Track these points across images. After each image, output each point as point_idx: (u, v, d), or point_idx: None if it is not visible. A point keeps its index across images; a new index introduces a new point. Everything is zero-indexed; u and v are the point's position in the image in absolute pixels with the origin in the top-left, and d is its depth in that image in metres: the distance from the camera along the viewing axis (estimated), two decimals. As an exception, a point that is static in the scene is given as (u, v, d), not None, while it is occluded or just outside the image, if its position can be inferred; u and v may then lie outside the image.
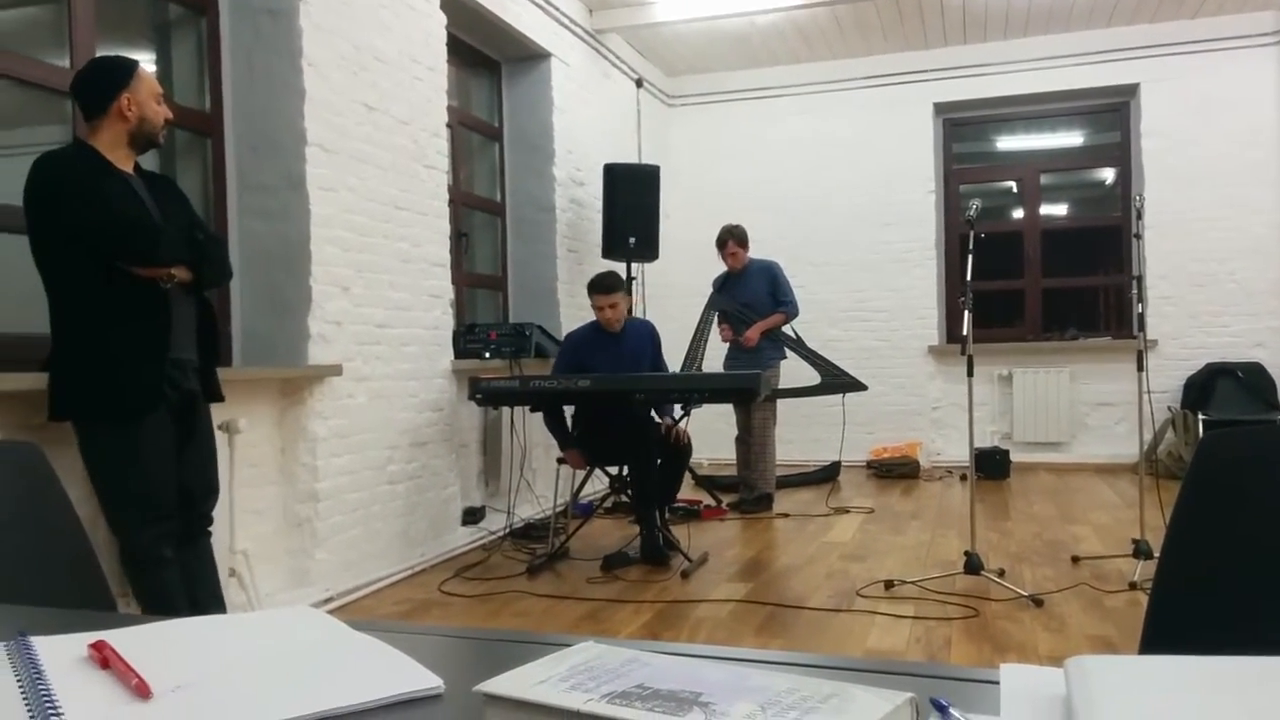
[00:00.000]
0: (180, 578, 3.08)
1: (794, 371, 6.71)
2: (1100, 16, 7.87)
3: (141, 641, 0.94)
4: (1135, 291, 4.86)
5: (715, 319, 6.85)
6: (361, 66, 4.81)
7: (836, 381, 6.55)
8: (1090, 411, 8.35)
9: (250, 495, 4.12)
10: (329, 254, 4.52)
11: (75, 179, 2.91)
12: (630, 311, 5.47)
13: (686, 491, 5.61)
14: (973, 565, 4.33)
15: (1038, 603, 4.06)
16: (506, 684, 0.75)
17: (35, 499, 1.51)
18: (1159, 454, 7.40)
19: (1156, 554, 1.45)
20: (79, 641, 0.93)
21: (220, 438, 3.59)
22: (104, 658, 0.89)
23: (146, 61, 4.35)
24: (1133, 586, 4.27)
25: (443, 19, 5.54)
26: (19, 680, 0.85)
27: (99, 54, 3.74)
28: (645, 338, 5.50)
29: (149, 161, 3.34)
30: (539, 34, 6.75)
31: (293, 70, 4.41)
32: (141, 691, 0.82)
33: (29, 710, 0.79)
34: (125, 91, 3.01)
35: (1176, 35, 7.99)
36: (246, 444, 4.03)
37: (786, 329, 6.68)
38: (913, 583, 4.40)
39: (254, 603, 3.89)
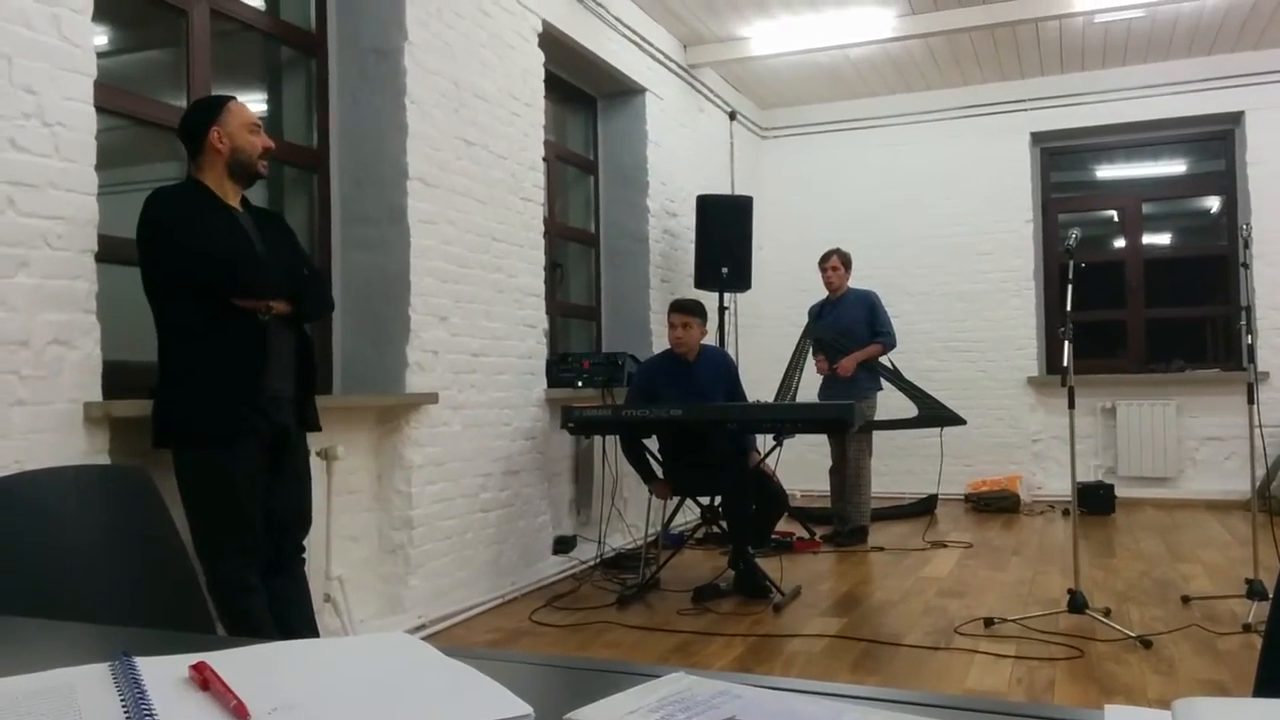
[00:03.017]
0: (269, 605, 3.09)
1: (891, 403, 6.63)
2: (1202, 44, 7.66)
3: (240, 664, 0.96)
4: (1244, 322, 4.71)
5: (811, 349, 6.80)
6: (462, 103, 4.91)
7: (934, 415, 6.45)
8: (1199, 446, 8.06)
9: (346, 521, 4.20)
10: (428, 284, 4.61)
11: (181, 212, 3.00)
12: (716, 341, 5.43)
13: (779, 524, 5.56)
14: (1077, 604, 4.19)
15: (1146, 644, 3.92)
16: (596, 713, 0.74)
17: (141, 523, 1.56)
18: (1272, 490, 7.12)
19: (1271, 594, 1.39)
20: (180, 663, 0.95)
21: (318, 464, 3.66)
22: (204, 679, 0.90)
23: (258, 101, 4.51)
24: (1247, 629, 4.09)
25: (541, 57, 5.63)
26: (123, 700, 0.87)
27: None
28: (719, 369, 5.43)
29: (259, 196, 3.43)
30: (634, 70, 6.81)
31: (396, 107, 4.53)
32: (240, 713, 0.84)
33: (132, 728, 0.81)
34: (215, 125, 3.09)
35: (1283, 63, 7.74)
36: (344, 470, 4.10)
37: (883, 360, 6.60)
38: (1014, 620, 4.28)
39: (348, 628, 3.94)
